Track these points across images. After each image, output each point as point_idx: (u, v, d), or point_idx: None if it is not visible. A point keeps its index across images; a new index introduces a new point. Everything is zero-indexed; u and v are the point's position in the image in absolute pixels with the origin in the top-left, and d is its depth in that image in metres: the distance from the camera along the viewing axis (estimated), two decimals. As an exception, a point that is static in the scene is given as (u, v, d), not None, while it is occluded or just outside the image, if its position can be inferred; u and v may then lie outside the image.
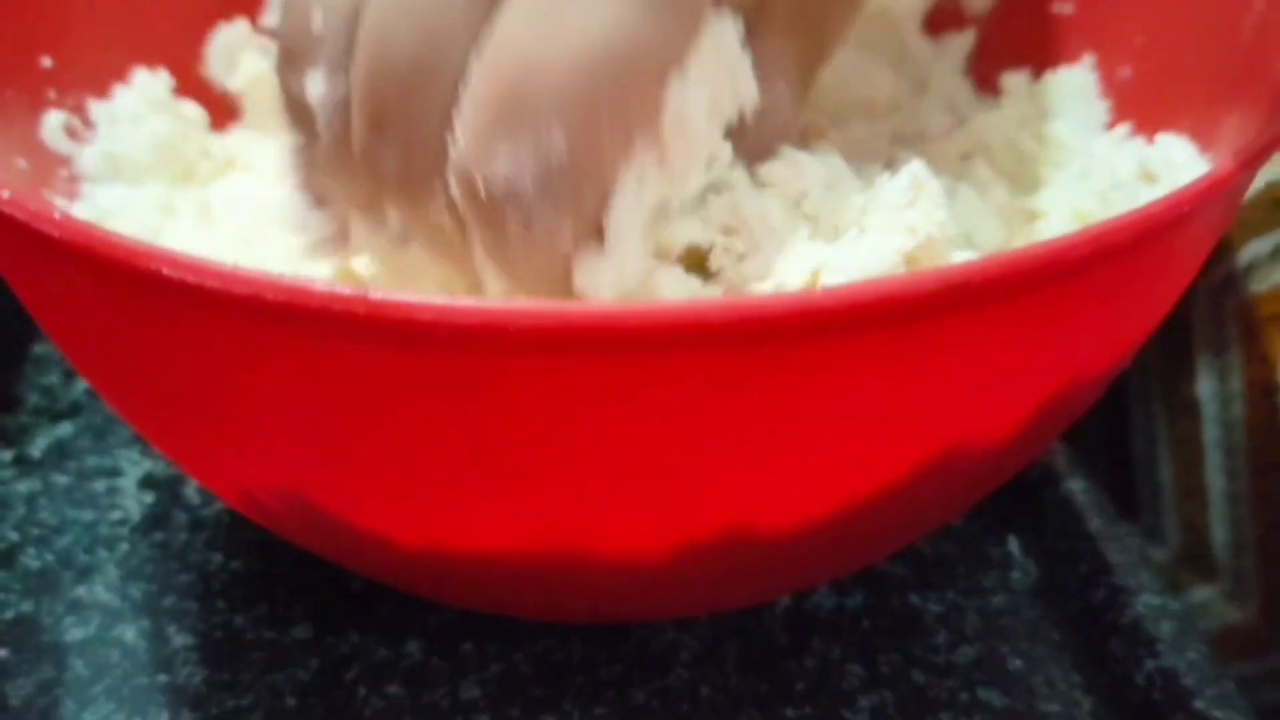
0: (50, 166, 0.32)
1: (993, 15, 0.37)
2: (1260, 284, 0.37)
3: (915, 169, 0.24)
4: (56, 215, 0.18)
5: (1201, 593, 0.42)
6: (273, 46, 0.37)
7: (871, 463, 0.20)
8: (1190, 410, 0.41)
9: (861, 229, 0.24)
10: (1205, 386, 0.40)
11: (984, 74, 0.37)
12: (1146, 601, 0.29)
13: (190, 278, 0.17)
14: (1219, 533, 0.41)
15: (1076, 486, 0.32)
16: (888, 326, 0.17)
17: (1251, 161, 0.21)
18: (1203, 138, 0.29)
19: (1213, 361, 0.39)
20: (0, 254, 0.21)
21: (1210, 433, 0.40)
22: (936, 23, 0.38)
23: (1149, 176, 0.28)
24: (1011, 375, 0.20)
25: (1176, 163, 0.28)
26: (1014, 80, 0.36)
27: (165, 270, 0.17)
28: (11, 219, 0.19)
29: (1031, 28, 0.36)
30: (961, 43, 0.38)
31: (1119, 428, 0.44)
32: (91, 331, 0.20)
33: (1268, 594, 0.40)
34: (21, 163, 0.30)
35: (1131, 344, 0.23)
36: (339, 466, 0.20)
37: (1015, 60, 0.36)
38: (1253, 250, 0.36)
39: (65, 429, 0.37)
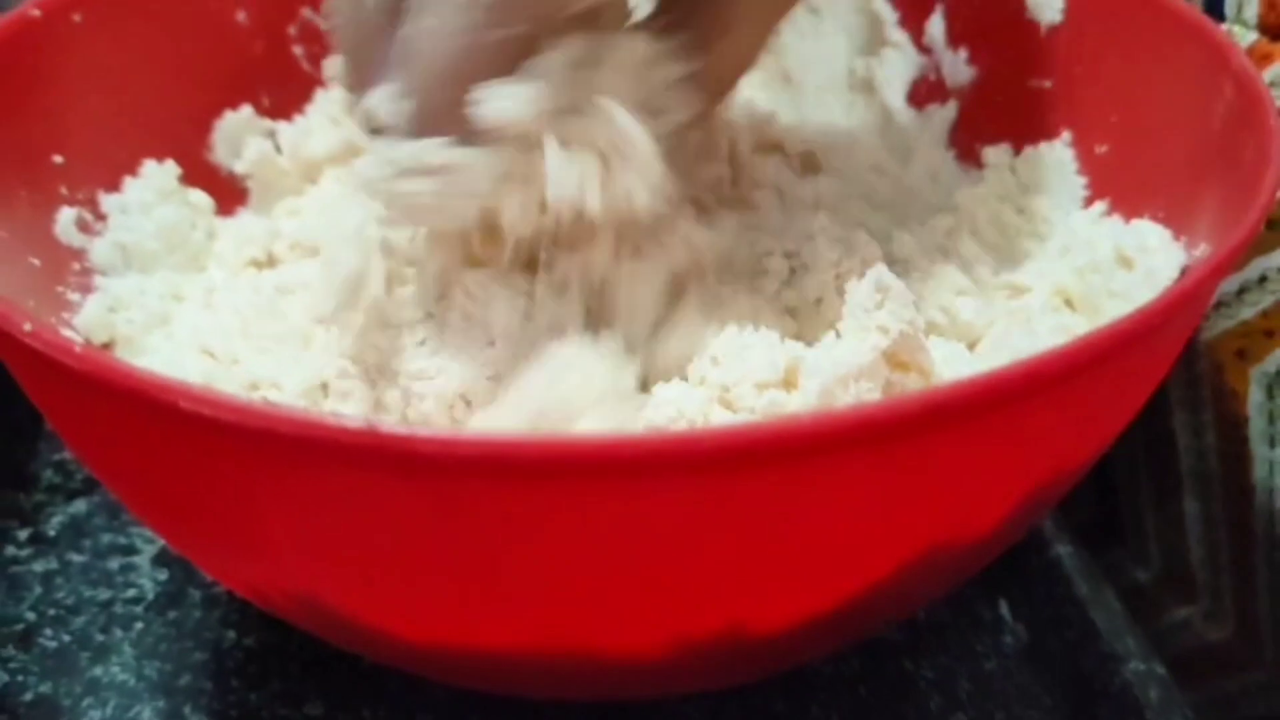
0: (63, 261, 0.33)
1: (974, 88, 0.38)
2: (1228, 320, 0.38)
3: (879, 273, 0.25)
4: (76, 348, 0.19)
5: (1182, 612, 0.44)
6: (276, 128, 0.39)
7: (860, 563, 0.21)
8: (1165, 440, 0.42)
9: (837, 333, 0.25)
10: (1179, 418, 0.41)
11: (966, 146, 0.38)
12: (1134, 668, 0.30)
13: (206, 411, 0.18)
14: (1197, 556, 0.43)
15: (1063, 551, 0.33)
16: (870, 446, 0.18)
17: (1213, 274, 0.22)
18: (1177, 222, 0.30)
19: (1184, 395, 0.41)
20: (22, 376, 0.22)
21: (1185, 461, 0.42)
22: (920, 94, 0.40)
23: (1125, 261, 0.29)
24: (992, 478, 0.21)
25: (1151, 248, 0.29)
26: (995, 154, 0.37)
27: (182, 403, 0.18)
28: (33, 350, 0.20)
29: (1011, 102, 0.37)
30: (944, 115, 0.39)
31: (1101, 458, 0.45)
32: (109, 450, 0.21)
33: (1243, 614, 0.42)
34: (35, 260, 0.31)
35: (1111, 434, 0.24)
36: (349, 576, 0.21)
37: (996, 133, 0.37)
38: (1219, 289, 0.38)
39: (80, 506, 0.38)
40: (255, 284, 0.35)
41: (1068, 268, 0.31)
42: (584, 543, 0.19)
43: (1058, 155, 0.35)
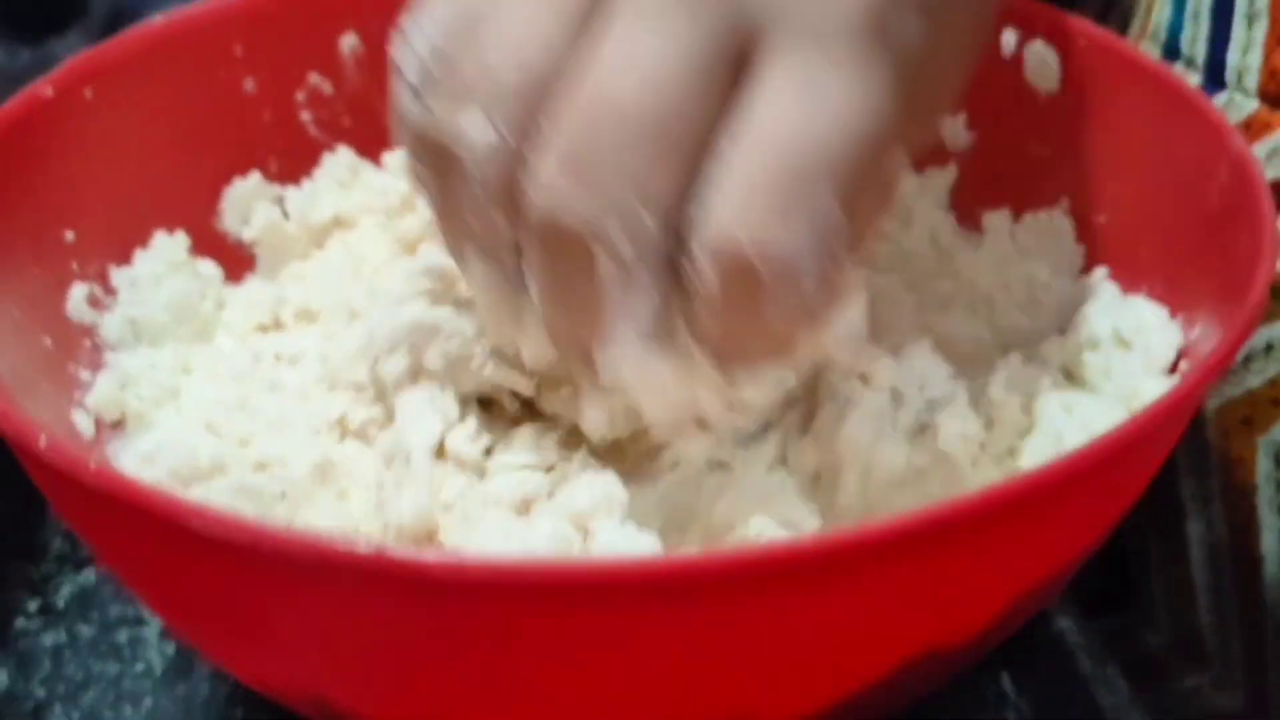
0: (74, 338, 0.33)
1: (973, 153, 0.39)
2: (1234, 388, 0.38)
3: None
4: (91, 465, 0.20)
5: (1192, 680, 0.44)
6: (284, 194, 0.39)
7: (857, 667, 0.21)
8: (1173, 506, 0.42)
9: None
10: (1186, 485, 0.41)
11: (966, 210, 0.39)
12: (1138, 744, 0.30)
13: (219, 532, 0.19)
14: (1206, 623, 0.43)
15: (1066, 626, 0.33)
16: (863, 568, 0.19)
17: (1195, 387, 0.22)
18: (1175, 298, 0.30)
19: (1192, 462, 0.41)
20: (40, 482, 0.23)
21: (1193, 528, 0.42)
22: (919, 157, 0.40)
23: (1123, 342, 0.30)
24: (986, 584, 0.21)
25: (1148, 328, 0.29)
26: (995, 219, 0.37)
27: (195, 524, 0.19)
28: (50, 466, 0.20)
29: (1010, 168, 0.37)
30: (943, 178, 0.39)
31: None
32: (121, 557, 0.22)
33: (1254, 683, 0.42)
34: (47, 341, 0.32)
35: (1104, 529, 0.24)
36: (359, 681, 0.21)
37: (995, 198, 0.38)
38: None
39: (88, 575, 0.38)
40: (257, 352, 0.35)
41: (1066, 344, 0.31)
42: (590, 658, 0.19)
43: (1056, 223, 0.36)
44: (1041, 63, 0.36)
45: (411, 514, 0.24)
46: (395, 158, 0.39)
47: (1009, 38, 0.37)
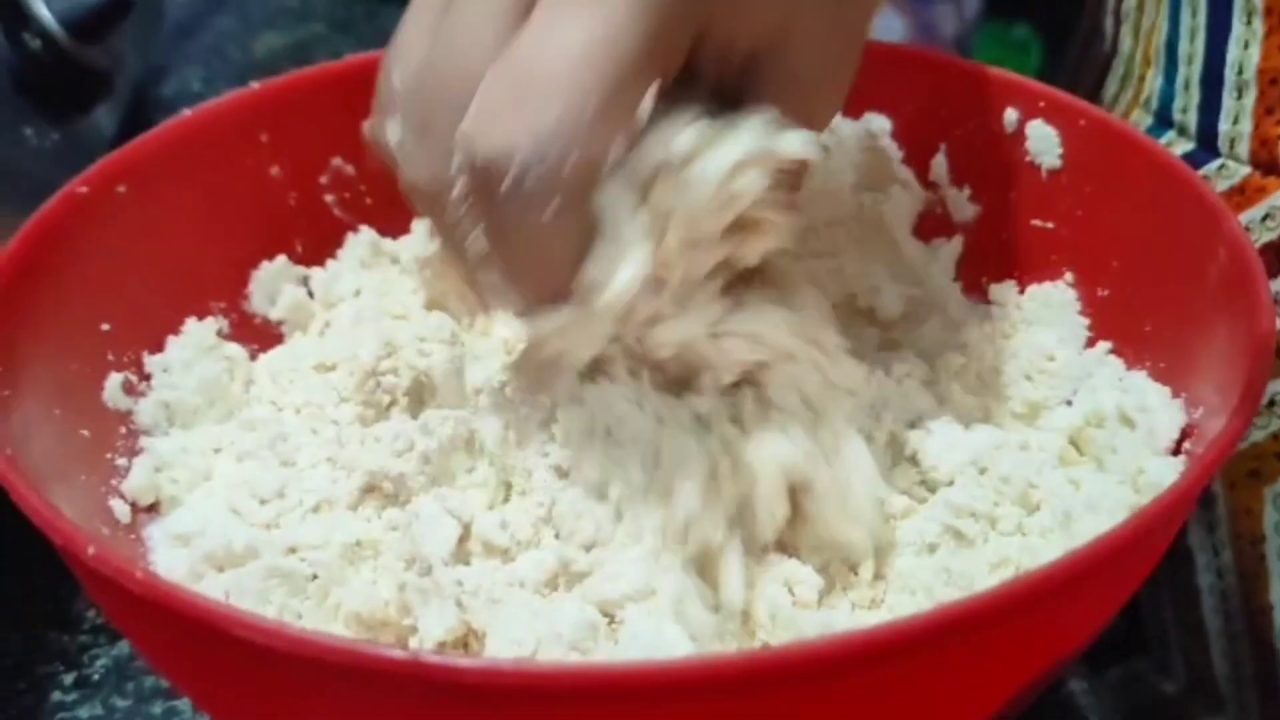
0: (111, 427, 0.34)
1: (978, 225, 0.40)
2: (1240, 443, 0.39)
3: None
4: (138, 574, 0.21)
5: None
6: (310, 274, 0.40)
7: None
8: (1183, 556, 0.42)
9: None
10: (1194, 535, 0.42)
11: (972, 280, 0.39)
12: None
13: (259, 639, 0.20)
14: (1220, 668, 0.43)
15: (1077, 688, 0.34)
16: (870, 666, 0.19)
17: (1199, 479, 0.23)
18: (1177, 377, 0.31)
19: (1200, 513, 0.41)
20: (86, 584, 0.24)
21: (1203, 578, 0.42)
22: (926, 229, 0.41)
23: (1127, 420, 0.30)
24: (997, 678, 0.22)
25: (1152, 408, 0.30)
26: (1001, 291, 0.38)
27: (236, 631, 0.20)
28: (98, 572, 0.21)
29: (1015, 240, 0.38)
30: (950, 249, 0.40)
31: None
32: (162, 655, 0.23)
33: None
34: (85, 432, 0.33)
35: (1119, 607, 0.25)
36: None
37: (1001, 270, 0.39)
38: None
39: (123, 647, 0.39)
40: (282, 427, 0.36)
41: (1073, 416, 0.32)
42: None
43: (1061, 295, 0.37)
44: (1043, 140, 0.37)
45: (442, 633, 0.25)
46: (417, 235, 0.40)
47: (1011, 115, 0.38)
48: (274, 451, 0.35)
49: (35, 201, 0.34)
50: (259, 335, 0.39)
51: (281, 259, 0.40)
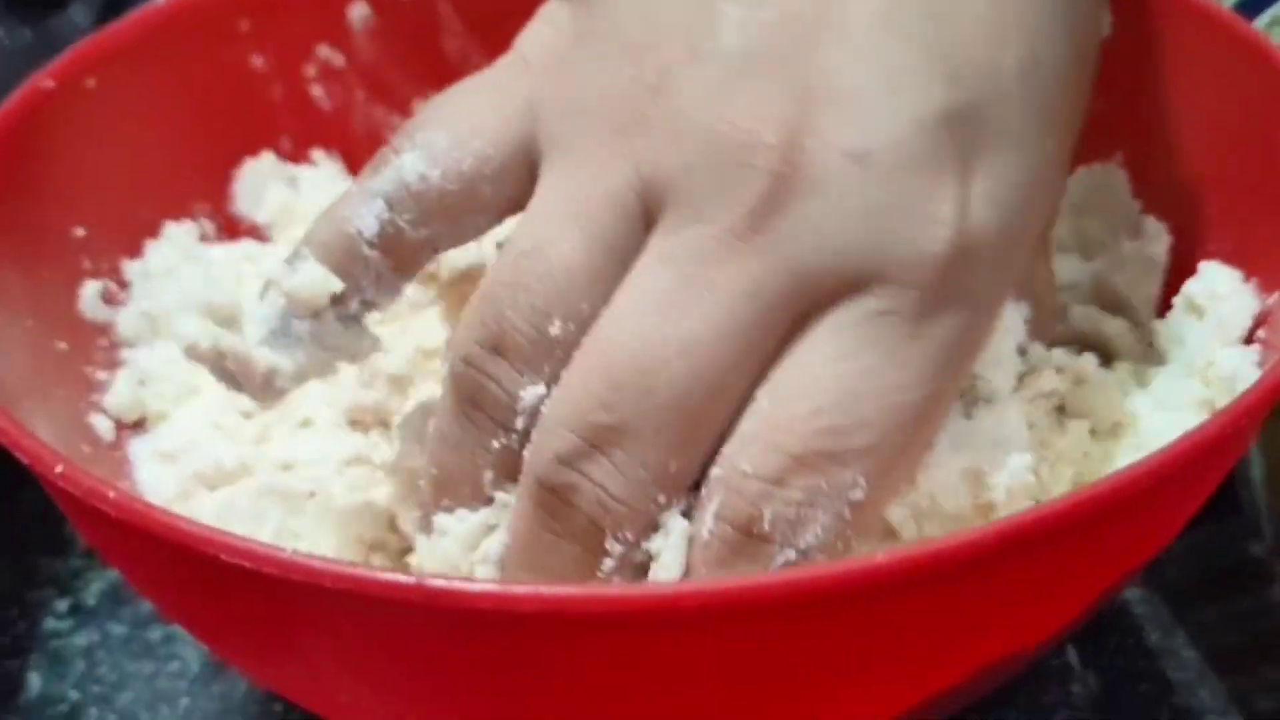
0: (89, 339, 0.32)
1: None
2: None
3: None
4: (110, 494, 0.18)
5: None
6: (298, 173, 0.38)
7: (928, 675, 0.20)
8: (1275, 411, 0.40)
9: None
10: None
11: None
12: (1212, 725, 0.29)
13: (248, 564, 0.17)
14: None
15: (1133, 596, 0.32)
16: (954, 575, 0.17)
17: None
18: (1247, 260, 0.28)
19: None
20: (62, 506, 0.22)
21: None
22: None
23: (1194, 309, 0.28)
24: (1071, 589, 0.20)
25: (1221, 295, 0.27)
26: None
27: (224, 557, 0.18)
28: (69, 494, 0.19)
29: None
30: None
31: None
32: (146, 582, 0.21)
33: None
34: (61, 344, 0.30)
35: (1199, 507, 0.23)
36: (399, 711, 0.20)
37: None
38: None
39: (118, 572, 0.37)
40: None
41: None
42: (634, 686, 0.18)
43: (1111, 176, 0.34)
44: (1090, 6, 0.34)
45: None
46: None
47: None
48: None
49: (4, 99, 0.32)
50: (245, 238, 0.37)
51: (267, 156, 0.37)
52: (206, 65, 0.36)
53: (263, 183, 0.37)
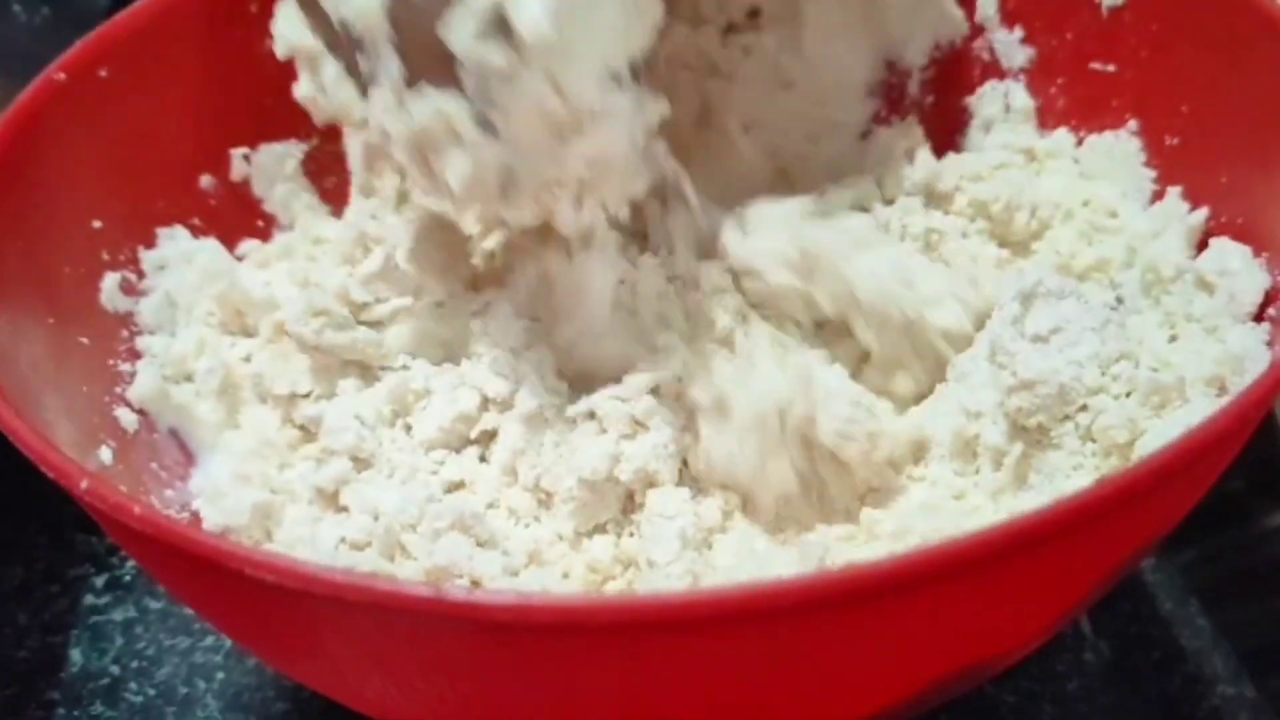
0: (111, 332, 0.32)
1: (1031, 70, 0.36)
2: None
3: None
4: (136, 510, 0.19)
5: (1274, 519, 0.43)
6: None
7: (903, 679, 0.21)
8: None
9: None
10: None
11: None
12: (1222, 692, 0.30)
13: (269, 577, 0.18)
14: None
15: (1145, 565, 0.32)
16: (950, 575, 0.18)
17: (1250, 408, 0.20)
18: (1258, 235, 0.28)
19: None
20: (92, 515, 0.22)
21: None
22: (974, 77, 0.38)
23: (1205, 285, 0.28)
24: (1052, 589, 0.20)
25: (1233, 271, 0.27)
26: (1055, 142, 0.35)
27: (247, 570, 0.18)
28: (95, 509, 0.20)
29: (1073, 86, 0.35)
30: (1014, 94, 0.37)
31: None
32: (176, 586, 0.21)
33: None
34: (84, 339, 0.31)
35: (1204, 494, 0.23)
36: (418, 706, 0.21)
37: (1056, 119, 0.36)
38: None
39: (151, 551, 0.38)
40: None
41: (1144, 279, 0.30)
42: (643, 688, 0.19)
43: (1124, 145, 0.34)
44: (1105, -28, 0.33)
45: None
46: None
47: (1069, -54, 0.34)
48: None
49: (25, 80, 0.32)
50: (260, 220, 0.37)
51: (279, 140, 0.37)
52: (221, 50, 0.36)
53: (277, 166, 0.37)
